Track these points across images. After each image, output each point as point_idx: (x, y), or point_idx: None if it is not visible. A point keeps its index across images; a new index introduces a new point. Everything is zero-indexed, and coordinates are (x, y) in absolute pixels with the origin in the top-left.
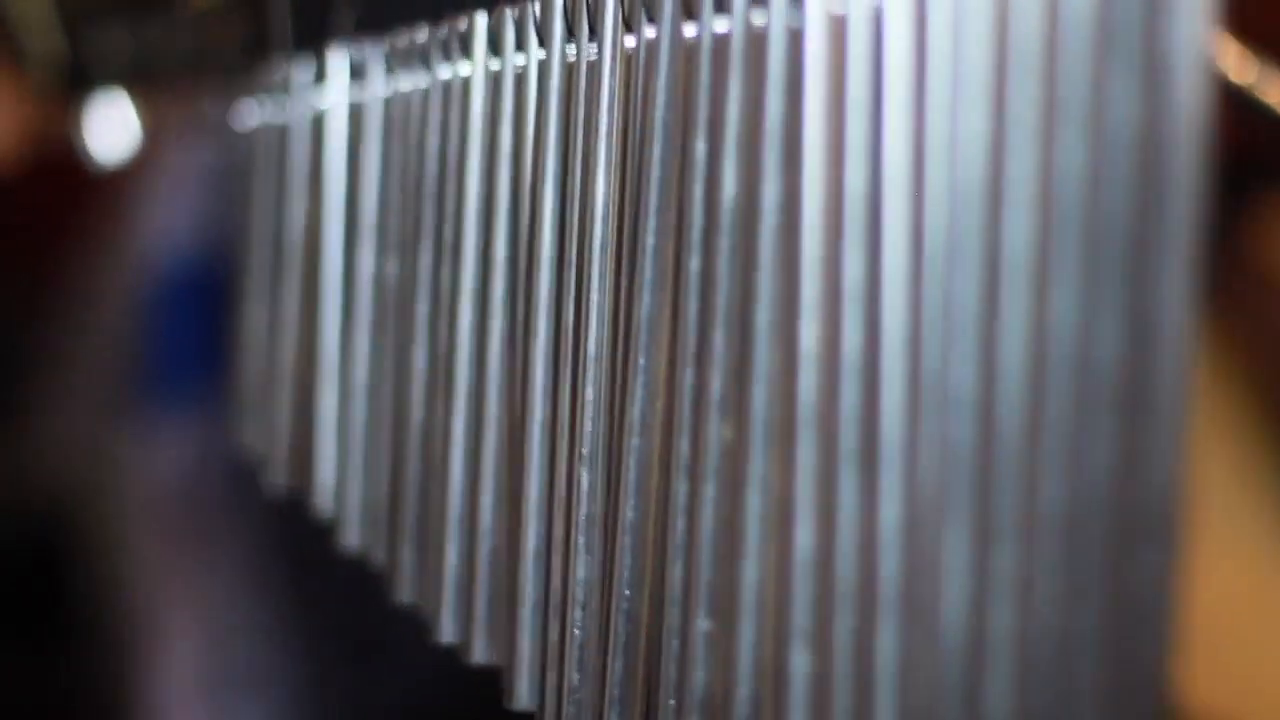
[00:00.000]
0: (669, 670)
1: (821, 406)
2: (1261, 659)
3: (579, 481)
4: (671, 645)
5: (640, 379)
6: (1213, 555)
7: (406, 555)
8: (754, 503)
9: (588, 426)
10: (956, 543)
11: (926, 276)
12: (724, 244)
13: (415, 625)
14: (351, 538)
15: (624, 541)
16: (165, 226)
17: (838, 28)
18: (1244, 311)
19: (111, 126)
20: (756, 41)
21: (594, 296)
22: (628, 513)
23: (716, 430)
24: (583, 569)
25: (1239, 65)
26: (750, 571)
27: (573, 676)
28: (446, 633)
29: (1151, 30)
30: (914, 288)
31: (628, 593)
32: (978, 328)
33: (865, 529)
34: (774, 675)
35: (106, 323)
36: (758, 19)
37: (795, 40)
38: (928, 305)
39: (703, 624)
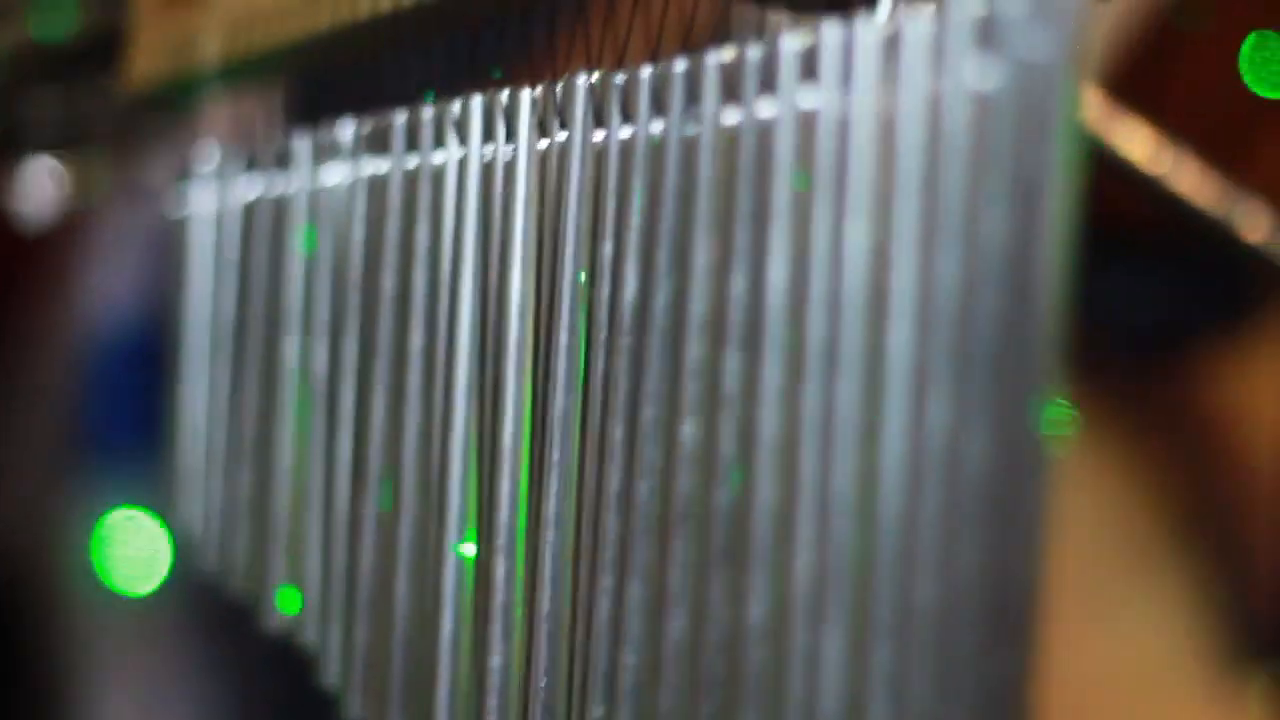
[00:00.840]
0: None
1: (698, 503)
2: None
3: (495, 570)
4: None
5: (556, 473)
6: (1112, 640)
7: (332, 637)
8: (636, 593)
9: (503, 517)
10: (833, 638)
11: (807, 381)
12: (624, 344)
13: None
14: (275, 618)
15: (541, 630)
16: (106, 293)
17: (729, 139)
18: (1170, 427)
19: (44, 192)
20: (657, 149)
21: (510, 392)
22: (544, 603)
23: (613, 523)
24: (498, 656)
25: (1153, 155)
26: (631, 658)
27: None
28: (363, 714)
29: (1023, 152)
30: (793, 392)
31: (544, 681)
32: (857, 432)
33: (733, 622)
34: None
35: (47, 388)
36: (657, 127)
37: (691, 149)
38: (808, 409)
39: (595, 710)
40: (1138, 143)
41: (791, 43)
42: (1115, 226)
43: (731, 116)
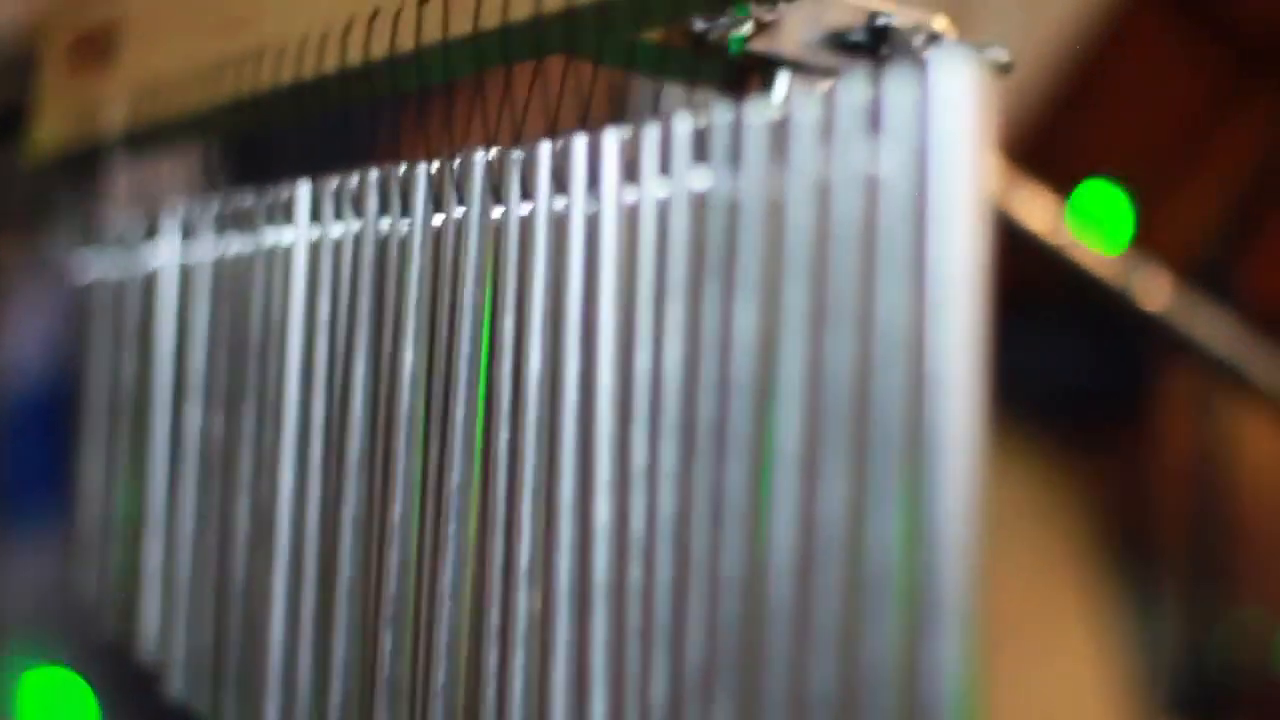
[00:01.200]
0: None
1: (613, 581)
2: None
3: (383, 644)
4: None
5: (451, 546)
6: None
7: (229, 704)
8: (560, 670)
9: (392, 589)
10: (722, 717)
11: (698, 462)
12: (531, 418)
13: None
14: (176, 685)
15: (435, 706)
16: (12, 356)
17: (630, 217)
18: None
19: None
20: (559, 225)
21: (401, 463)
22: (439, 677)
23: (525, 599)
24: None
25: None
26: None
27: None
28: None
29: (915, 235)
30: (685, 472)
31: None
32: (747, 513)
33: (644, 699)
34: None
35: None
36: (559, 204)
37: (593, 226)
38: (698, 489)
39: None
40: (1039, 212)
41: (684, 124)
42: (1018, 297)
43: (631, 194)
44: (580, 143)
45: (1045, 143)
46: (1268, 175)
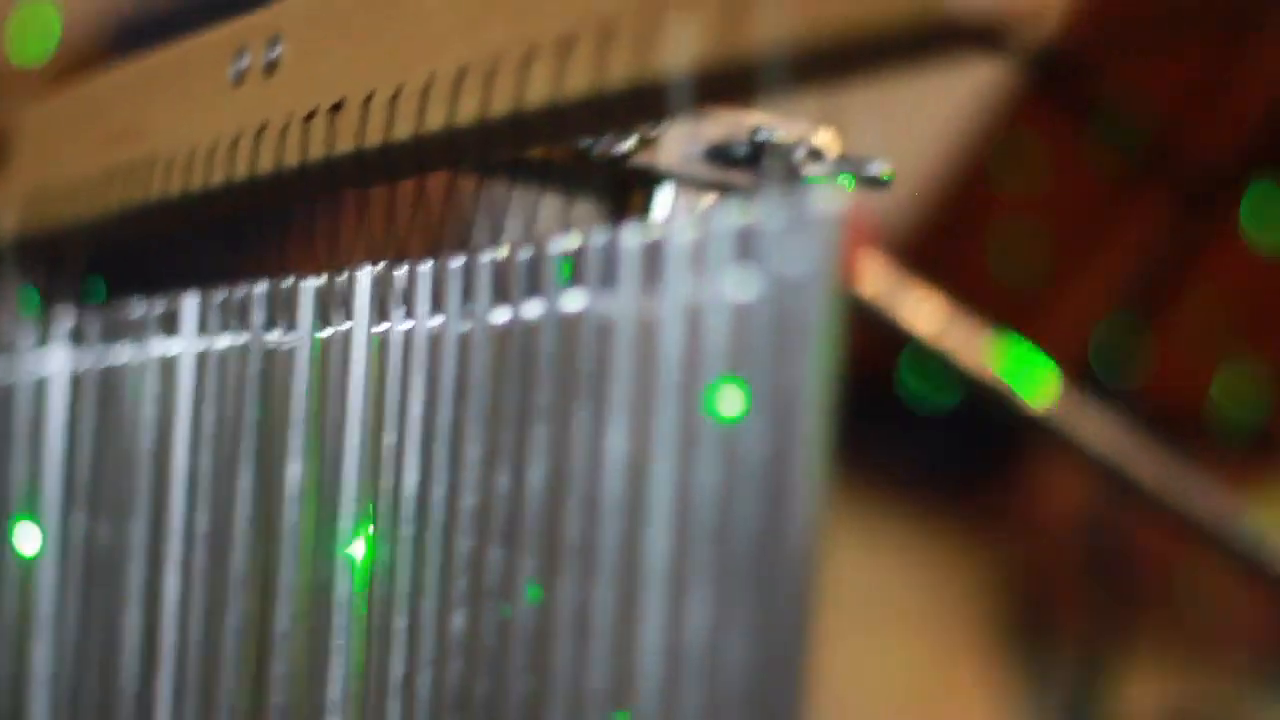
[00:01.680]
0: None
1: (466, 694)
2: None
3: None
4: None
5: (338, 659)
6: None
7: None
8: None
9: (277, 699)
10: None
11: (572, 581)
12: (405, 534)
13: None
14: None
15: None
16: None
17: (502, 337)
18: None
19: None
20: (434, 343)
21: (286, 575)
22: None
23: (396, 711)
24: None
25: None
26: None
27: None
28: None
29: (780, 363)
30: (550, 590)
31: None
32: (614, 631)
33: None
34: None
35: None
36: (435, 322)
37: (465, 344)
38: (563, 607)
39: None
40: (927, 314)
41: (558, 245)
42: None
43: (502, 315)
44: (456, 262)
45: (933, 243)
46: (1158, 271)
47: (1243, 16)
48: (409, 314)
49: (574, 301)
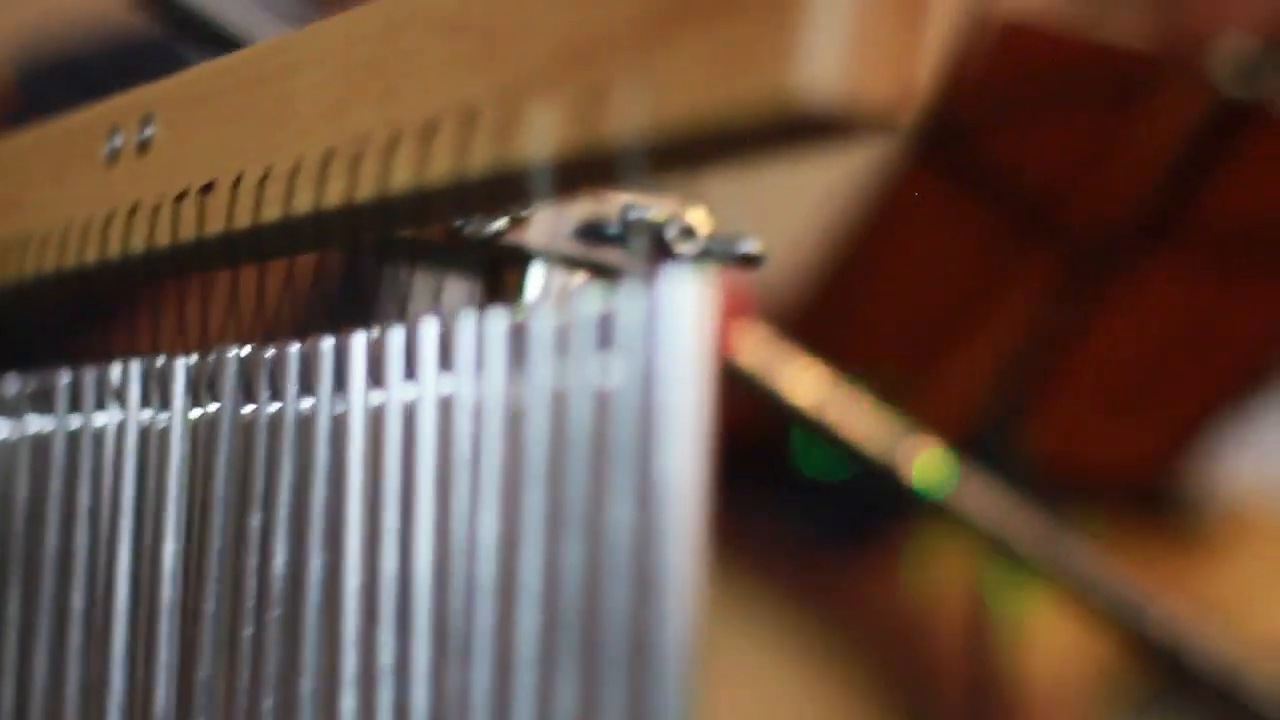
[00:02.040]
0: None
1: None
2: None
3: None
4: None
5: None
6: None
7: None
8: None
9: None
10: None
11: (450, 662)
12: (275, 614)
13: None
14: None
15: None
16: None
17: (376, 419)
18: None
19: None
20: (305, 424)
21: (162, 655)
22: None
23: None
24: None
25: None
26: None
27: None
28: None
29: (646, 450)
30: (438, 672)
31: None
32: (490, 714)
33: None
34: None
35: None
36: (306, 404)
37: (340, 426)
38: (450, 689)
39: None
40: (805, 386)
41: (429, 328)
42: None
43: (377, 396)
44: (327, 344)
45: (817, 315)
46: (1044, 339)
47: (1127, 85)
48: (276, 396)
49: (448, 384)
